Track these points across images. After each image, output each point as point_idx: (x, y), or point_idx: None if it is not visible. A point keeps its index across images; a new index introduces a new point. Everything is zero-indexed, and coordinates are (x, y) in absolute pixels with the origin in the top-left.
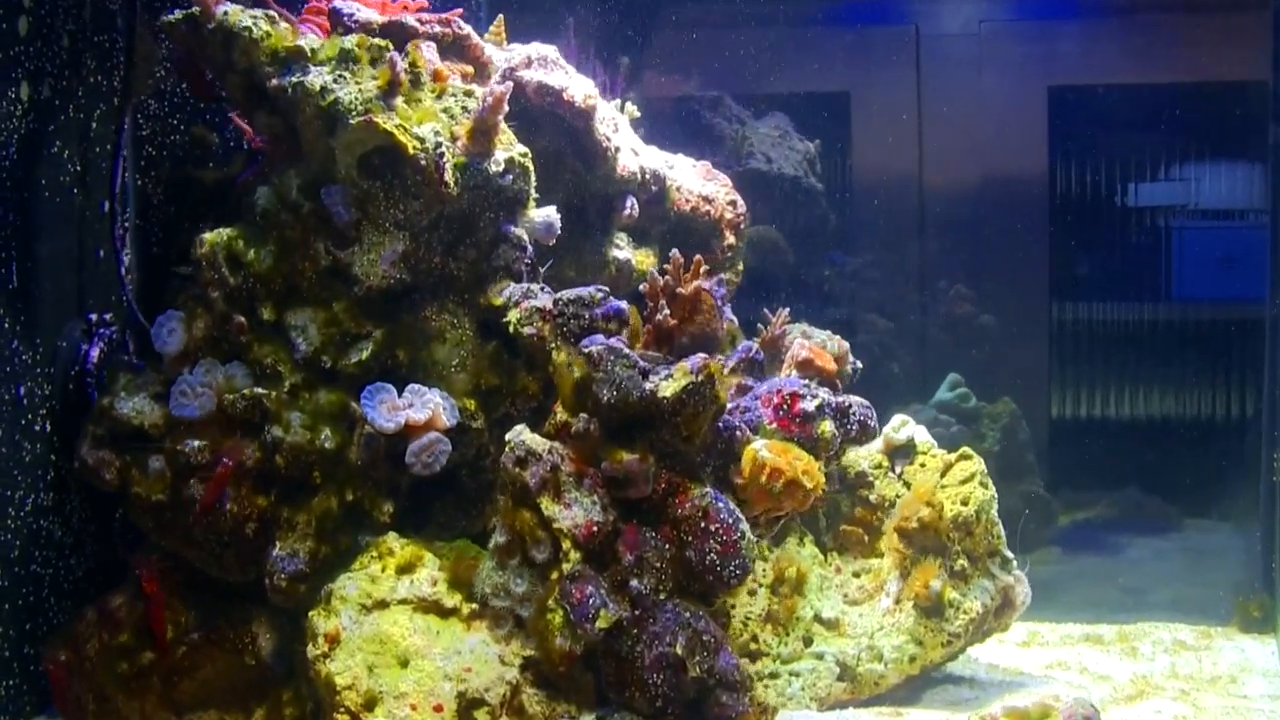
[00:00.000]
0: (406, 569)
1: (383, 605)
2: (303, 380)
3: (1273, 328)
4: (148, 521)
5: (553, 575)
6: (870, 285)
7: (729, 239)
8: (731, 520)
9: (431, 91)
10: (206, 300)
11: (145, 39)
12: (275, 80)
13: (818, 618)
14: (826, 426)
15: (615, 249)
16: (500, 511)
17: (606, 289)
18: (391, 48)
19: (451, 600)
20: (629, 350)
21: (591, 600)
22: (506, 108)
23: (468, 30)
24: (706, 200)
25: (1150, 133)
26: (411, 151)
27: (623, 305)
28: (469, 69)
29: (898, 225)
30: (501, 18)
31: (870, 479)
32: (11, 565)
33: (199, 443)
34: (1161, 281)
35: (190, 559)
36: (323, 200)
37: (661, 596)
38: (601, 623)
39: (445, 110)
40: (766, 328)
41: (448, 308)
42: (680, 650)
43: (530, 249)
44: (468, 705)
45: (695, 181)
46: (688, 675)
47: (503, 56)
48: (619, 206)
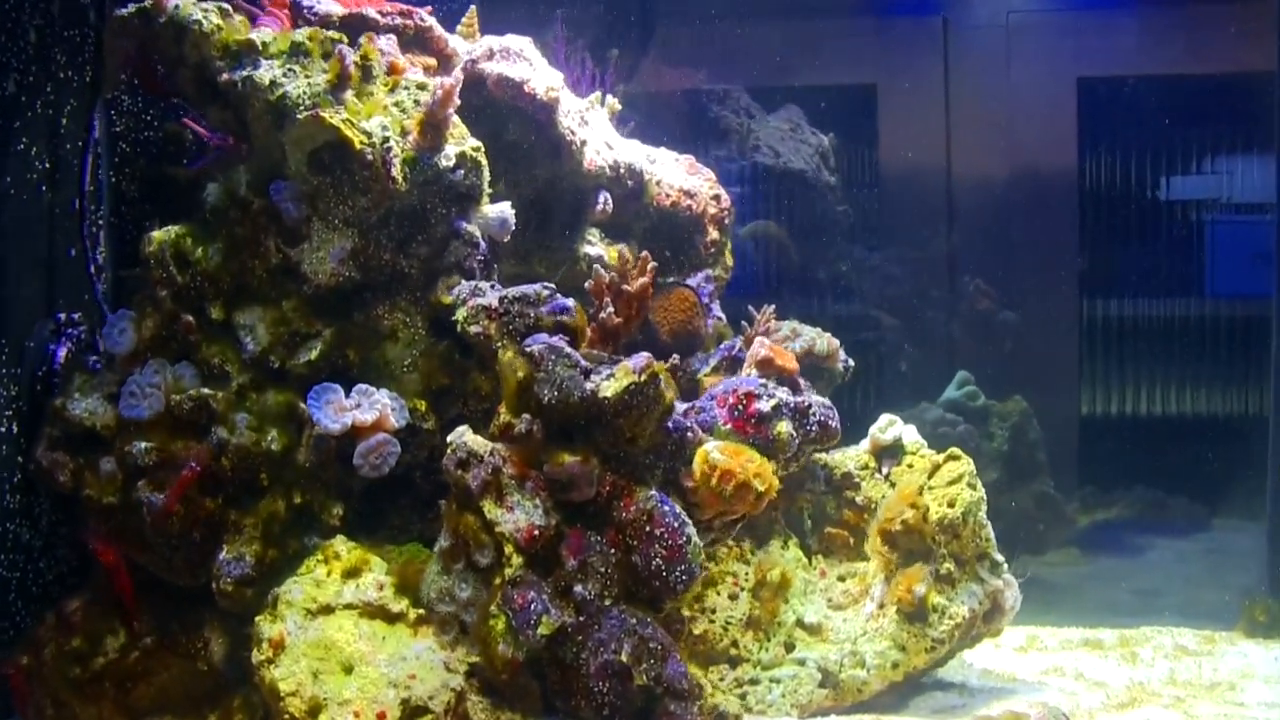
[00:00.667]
0: (353, 573)
1: (328, 610)
2: (250, 381)
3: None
4: (101, 524)
5: (496, 580)
6: (890, 281)
7: (713, 234)
8: (677, 524)
9: (384, 85)
10: (156, 299)
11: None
12: (226, 75)
13: (800, 622)
14: (783, 427)
15: (587, 245)
16: (444, 515)
17: (553, 286)
18: (345, 40)
19: (398, 605)
20: (570, 349)
21: (534, 606)
22: (458, 101)
23: (430, 22)
24: (688, 195)
25: (1182, 125)
26: (358, 146)
27: (568, 303)
28: (431, 61)
29: (924, 219)
30: (473, 9)
31: (856, 480)
32: None
33: (146, 444)
34: (1194, 277)
35: (143, 562)
36: (271, 197)
37: (607, 602)
38: (543, 629)
39: (397, 104)
40: (751, 325)
41: (400, 306)
42: (626, 658)
43: (483, 245)
44: (412, 712)
45: (677, 176)
46: (634, 683)
47: (467, 49)
48: (591, 202)
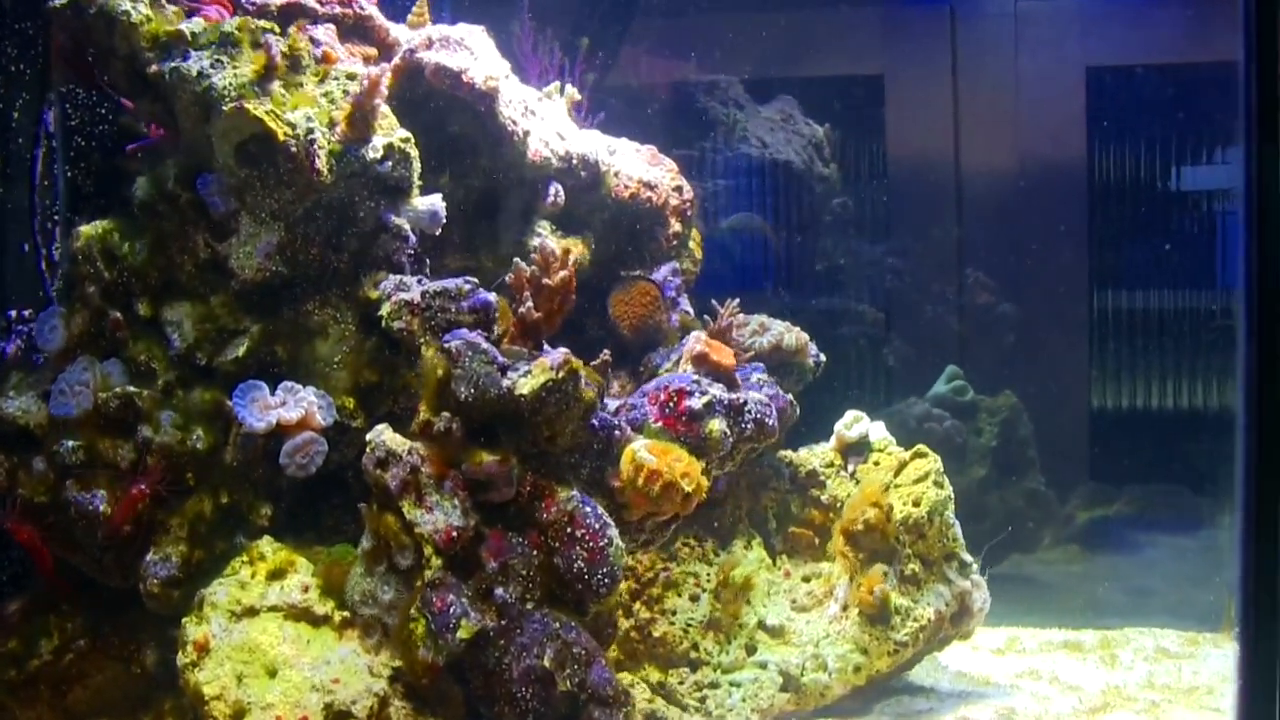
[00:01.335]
0: (277, 575)
1: (252, 612)
2: (177, 378)
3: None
4: (34, 524)
5: (417, 582)
6: (891, 274)
7: (675, 226)
8: (598, 526)
9: (314, 75)
10: (84, 296)
11: None
12: (155, 66)
13: (762, 625)
14: (715, 425)
15: (536, 237)
16: (365, 515)
17: (475, 281)
18: (277, 31)
19: (323, 607)
20: (488, 345)
21: (452, 609)
22: (385, 91)
23: (370, 11)
24: (648, 186)
25: (1194, 115)
26: (282, 138)
27: (490, 298)
28: (372, 51)
29: (931, 211)
30: None
31: (822, 478)
32: None
33: (74, 443)
34: (1206, 268)
35: (75, 563)
36: (199, 190)
37: (529, 606)
38: (463, 633)
39: (326, 95)
40: (714, 319)
41: (330, 301)
42: (549, 663)
43: (413, 238)
44: (335, 717)
45: (637, 167)
46: (557, 689)
47: (408, 37)
48: (541, 193)
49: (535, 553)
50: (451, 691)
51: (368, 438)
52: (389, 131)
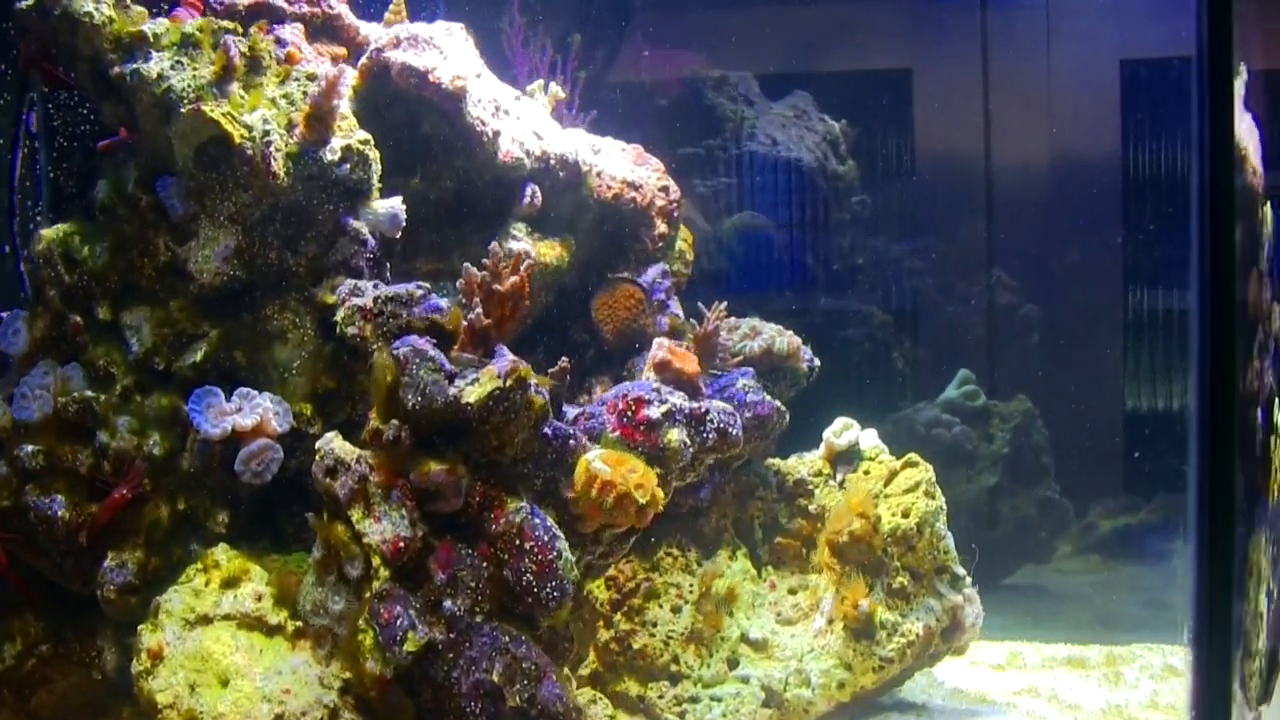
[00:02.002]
0: (231, 583)
1: (206, 621)
2: (135, 383)
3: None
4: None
5: (366, 593)
6: (912, 274)
7: (661, 227)
8: (547, 538)
9: (275, 76)
10: (46, 299)
11: None
12: (117, 68)
13: (744, 638)
14: (674, 435)
15: (511, 240)
16: (316, 524)
17: (427, 286)
18: (240, 31)
19: (277, 617)
20: (436, 352)
21: (399, 621)
22: (344, 92)
23: (339, 10)
24: (632, 187)
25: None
26: (238, 140)
27: (442, 303)
28: (341, 51)
29: (958, 208)
30: None
31: (810, 487)
32: None
33: (34, 447)
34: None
35: (39, 568)
36: (158, 193)
37: (478, 619)
38: (409, 646)
39: (285, 96)
40: (700, 323)
41: (290, 306)
42: (498, 677)
43: (372, 242)
44: None
45: (621, 167)
46: (506, 704)
47: (378, 36)
48: (517, 195)
49: (485, 565)
50: (402, 704)
51: (317, 445)
52: (348, 133)
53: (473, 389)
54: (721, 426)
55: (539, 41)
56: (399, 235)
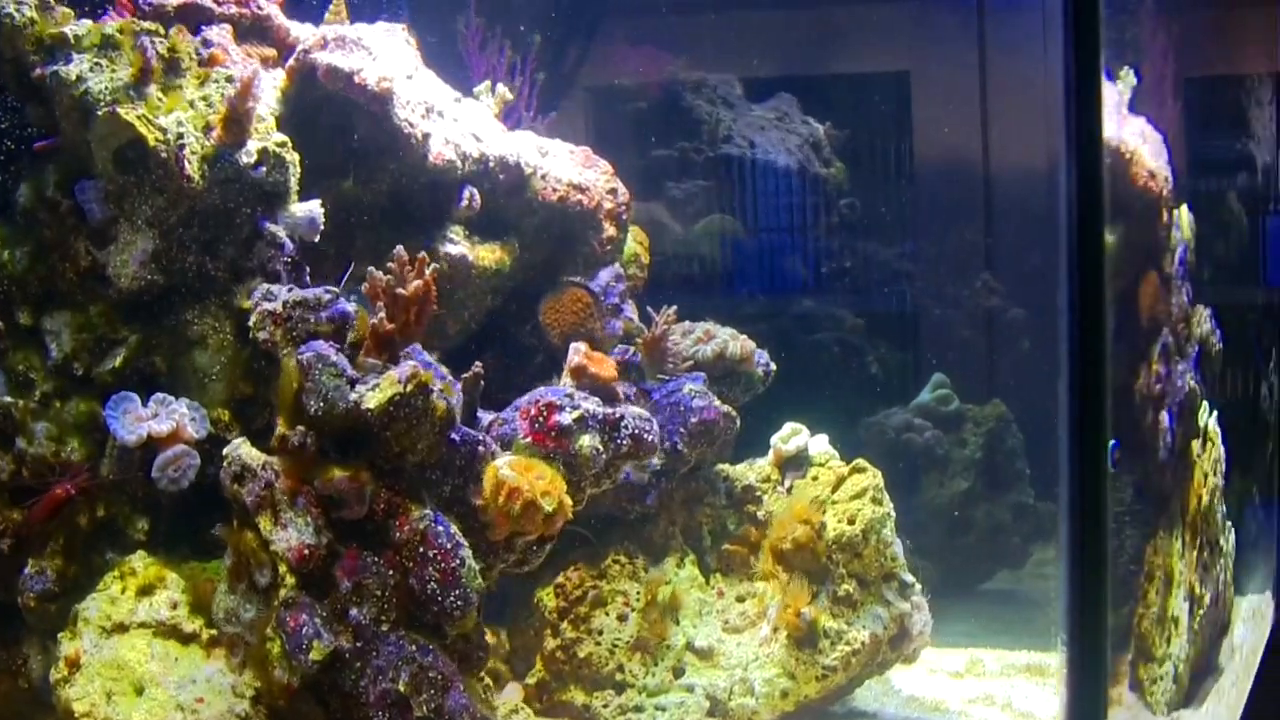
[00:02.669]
0: (147, 591)
1: (122, 629)
2: (55, 389)
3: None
4: None
5: (274, 601)
6: (901, 277)
7: (609, 230)
8: (450, 546)
9: (195, 78)
10: None
11: None
12: (39, 69)
13: (690, 646)
14: (585, 442)
15: (448, 244)
16: (225, 532)
17: (335, 290)
18: (161, 31)
19: (191, 625)
20: (339, 358)
21: (305, 630)
22: (259, 94)
23: (269, 10)
24: (579, 189)
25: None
26: (153, 143)
27: (349, 308)
28: (271, 52)
29: (954, 211)
30: None
31: (758, 493)
32: None
33: None
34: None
35: None
36: (76, 196)
37: (385, 628)
38: (315, 654)
39: (204, 98)
40: (650, 327)
41: (210, 311)
42: (404, 687)
43: (289, 246)
44: None
45: (568, 169)
46: (414, 714)
47: (306, 37)
48: (455, 198)
49: (391, 573)
50: (313, 713)
51: (224, 452)
52: (264, 136)
53: (373, 394)
54: (636, 432)
55: (497, 43)
56: (317, 239)
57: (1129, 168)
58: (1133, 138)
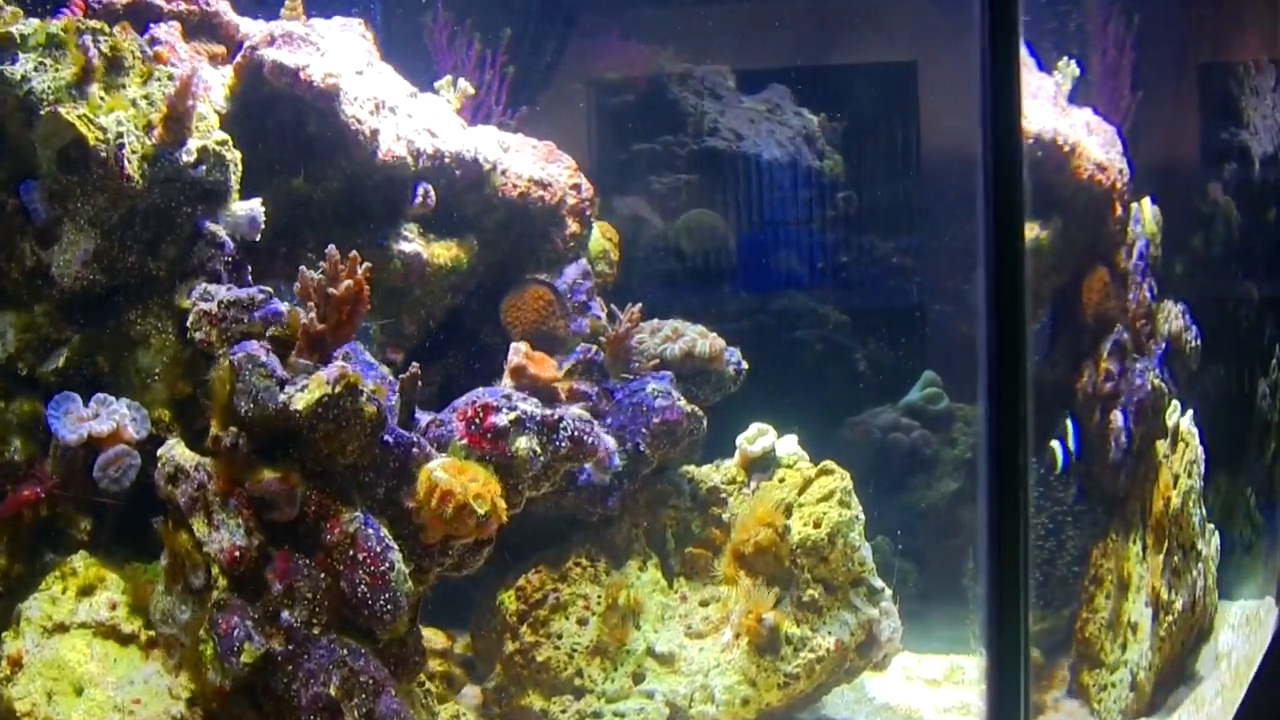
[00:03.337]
0: (87, 591)
1: (63, 629)
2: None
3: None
4: None
5: (208, 602)
6: (896, 272)
7: (572, 226)
8: (380, 549)
9: (138, 76)
10: None
11: None
12: None
13: (651, 651)
14: (522, 444)
15: (402, 241)
16: (162, 533)
17: (269, 290)
18: (105, 30)
19: (131, 626)
20: (269, 358)
21: (236, 632)
22: (199, 92)
23: (217, 7)
24: (540, 185)
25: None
26: (93, 143)
27: (281, 308)
28: (220, 49)
29: (958, 204)
30: None
31: (723, 495)
32: None
33: None
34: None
35: None
36: (20, 196)
37: (316, 631)
38: (246, 657)
39: (146, 97)
40: (614, 325)
41: (152, 311)
42: (335, 691)
43: (230, 245)
44: None
45: (529, 165)
46: (344, 718)
47: (253, 33)
48: (409, 194)
49: (323, 575)
50: (246, 716)
51: (159, 453)
52: (205, 134)
53: (302, 396)
54: (576, 434)
55: (465, 37)
56: (258, 238)
57: (1070, 160)
58: (1074, 130)
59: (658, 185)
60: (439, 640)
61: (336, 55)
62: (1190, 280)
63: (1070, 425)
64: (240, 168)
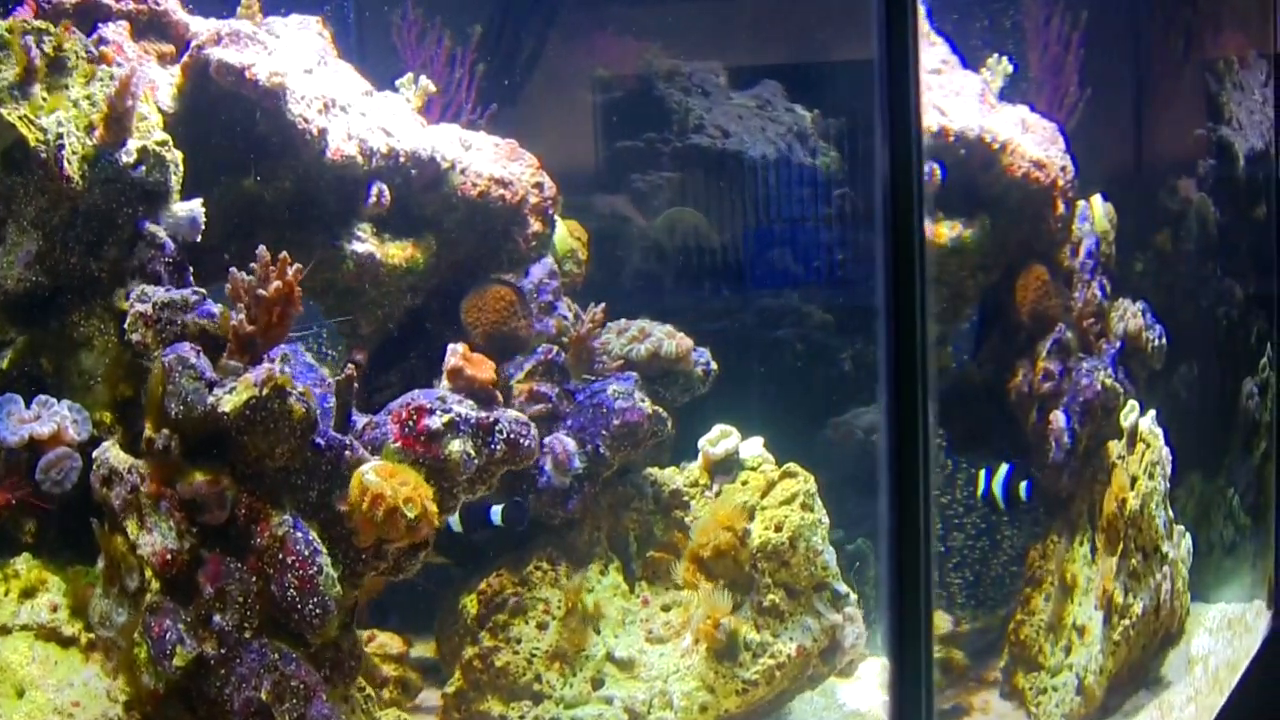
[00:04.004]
0: (29, 593)
1: (5, 631)
2: None
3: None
4: None
5: (143, 606)
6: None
7: (535, 226)
8: (308, 553)
9: (81, 76)
10: None
11: None
12: None
13: (610, 656)
14: (455, 447)
15: (355, 241)
16: (98, 535)
17: (203, 291)
18: (50, 29)
19: (72, 628)
20: (198, 360)
21: (168, 635)
22: (138, 91)
23: (166, 6)
24: (501, 184)
25: None
26: (33, 143)
27: (214, 309)
28: (169, 49)
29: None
30: None
31: (686, 498)
32: None
33: None
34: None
35: None
36: None
37: (247, 635)
38: (178, 660)
39: (88, 97)
40: (576, 326)
41: (96, 312)
42: (266, 695)
43: (170, 246)
44: None
45: (490, 164)
46: None
47: (199, 32)
48: (363, 194)
49: (254, 579)
50: (181, 719)
51: (94, 455)
52: (145, 134)
53: (230, 398)
54: (512, 437)
55: (435, 34)
56: (198, 238)
57: (1000, 158)
58: (1005, 127)
59: (640, 183)
60: (395, 645)
61: (285, 54)
62: (1156, 279)
63: (1005, 468)
64: (181, 168)
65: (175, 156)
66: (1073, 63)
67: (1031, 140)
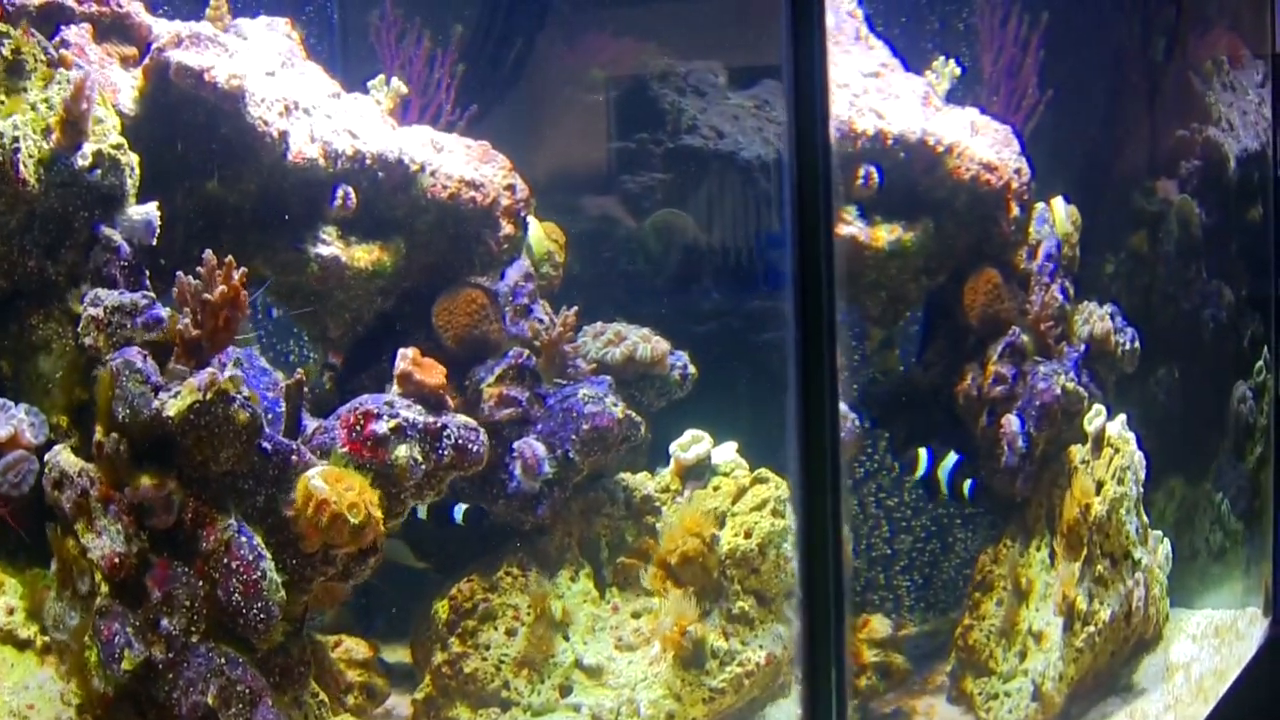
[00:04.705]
0: None
1: None
2: None
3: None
4: None
5: (93, 609)
6: None
7: (506, 228)
8: (252, 558)
9: (40, 79)
10: None
11: None
12: None
13: (579, 663)
14: (401, 452)
15: (320, 245)
16: (51, 538)
17: (152, 295)
18: (11, 33)
19: (28, 631)
20: (144, 364)
21: (117, 639)
22: (93, 95)
23: (129, 9)
24: (471, 186)
25: None
26: None
27: (162, 313)
28: (132, 51)
29: None
30: None
31: (657, 504)
32: None
33: None
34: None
35: None
36: None
37: (195, 639)
38: (126, 664)
39: (45, 100)
40: (547, 329)
41: (54, 316)
42: (212, 700)
43: (125, 250)
44: None
45: (460, 165)
46: None
47: (160, 34)
48: (328, 197)
49: (201, 583)
50: None
51: (46, 458)
52: (101, 138)
53: (174, 402)
54: (460, 443)
55: (414, 34)
56: (154, 242)
57: (946, 160)
58: (951, 130)
59: (631, 184)
60: (361, 650)
61: (247, 56)
62: (1130, 281)
63: (954, 457)
64: (138, 171)
65: (131, 160)
66: (1031, 65)
67: (982, 143)
